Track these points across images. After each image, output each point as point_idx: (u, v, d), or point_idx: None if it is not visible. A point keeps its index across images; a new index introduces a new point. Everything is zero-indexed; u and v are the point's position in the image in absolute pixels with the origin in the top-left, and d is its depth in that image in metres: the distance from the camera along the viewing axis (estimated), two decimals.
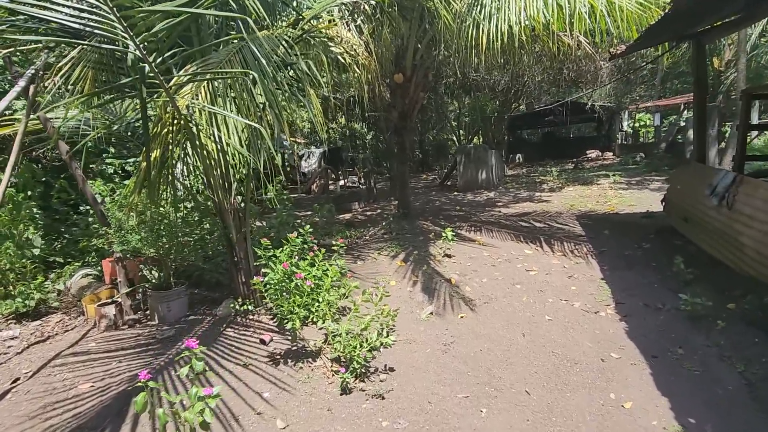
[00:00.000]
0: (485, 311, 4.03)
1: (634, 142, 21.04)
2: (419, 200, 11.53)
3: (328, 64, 4.75)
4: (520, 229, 6.99)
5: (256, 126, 3.29)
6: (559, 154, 22.55)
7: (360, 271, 5.13)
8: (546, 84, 17.68)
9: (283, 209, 6.53)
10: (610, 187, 10.66)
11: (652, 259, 5.09)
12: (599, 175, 13.17)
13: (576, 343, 3.38)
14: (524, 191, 11.54)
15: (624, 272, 4.82)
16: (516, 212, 8.55)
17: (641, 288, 4.33)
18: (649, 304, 3.93)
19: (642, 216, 7.16)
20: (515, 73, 15.14)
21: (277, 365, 3.20)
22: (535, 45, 7.38)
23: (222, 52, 3.81)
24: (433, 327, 3.75)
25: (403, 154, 8.05)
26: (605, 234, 6.34)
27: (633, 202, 8.60)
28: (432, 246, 6.00)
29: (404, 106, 7.59)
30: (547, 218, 7.69)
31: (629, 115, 23.40)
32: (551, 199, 9.80)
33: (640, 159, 15.76)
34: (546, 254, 5.67)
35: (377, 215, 9.31)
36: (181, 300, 4.00)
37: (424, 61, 7.46)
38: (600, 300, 4.14)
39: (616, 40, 6.65)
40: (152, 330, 3.79)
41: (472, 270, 5.09)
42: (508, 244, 6.17)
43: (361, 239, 6.73)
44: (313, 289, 3.75)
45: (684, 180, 5.92)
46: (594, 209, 8.17)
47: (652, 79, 22.24)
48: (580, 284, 4.57)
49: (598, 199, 9.16)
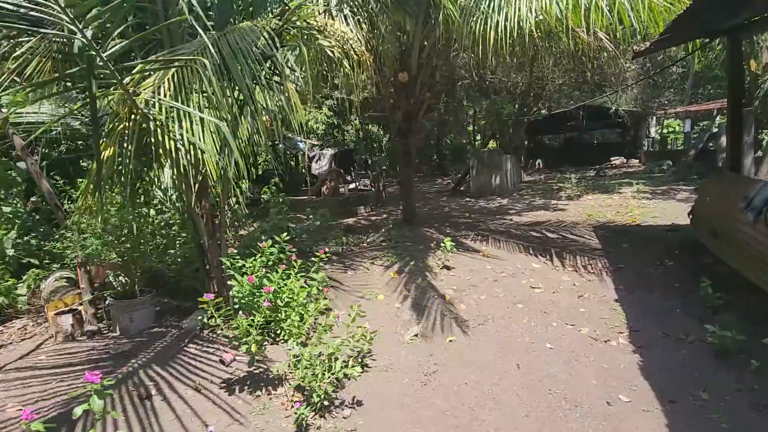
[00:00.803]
0: (478, 334, 3.58)
1: (661, 149, 20.05)
2: (428, 206, 11.09)
3: (314, 57, 4.42)
4: (530, 240, 6.48)
5: (217, 123, 2.96)
6: (580, 161, 21.71)
7: (348, 283, 4.74)
8: (567, 87, 17.00)
9: (276, 213, 6.21)
10: (632, 197, 9.98)
11: (675, 279, 4.53)
12: (622, 184, 12.45)
13: (579, 379, 2.90)
14: (540, 199, 10.95)
15: (642, 294, 4.28)
16: (528, 221, 8.02)
17: (661, 313, 3.79)
18: (670, 334, 3.40)
19: (666, 229, 6.54)
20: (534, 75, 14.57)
21: (233, 391, 2.83)
22: (550, 43, 6.87)
23: (195, 44, 3.52)
24: (416, 351, 3.32)
25: (408, 157, 7.64)
26: (624, 248, 5.78)
27: (657, 213, 7.95)
28: (431, 256, 5.57)
29: (409, 107, 7.19)
30: (561, 228, 7.15)
31: (657, 121, 22.33)
32: (568, 208, 9.22)
33: (667, 167, 14.89)
34: (555, 269, 5.17)
35: (382, 220, 8.91)
36: (145, 310, 3.70)
37: (431, 59, 7.05)
38: (612, 326, 3.63)
39: (640, 36, 6.10)
40: (110, 343, 3.49)
41: (471, 285, 4.64)
42: (515, 257, 5.68)
43: (358, 246, 6.34)
44: (284, 306, 3.40)
45: (715, 191, 5.31)
46: (613, 220, 7.57)
47: (683, 83, 21.19)
48: (590, 306, 4.06)
49: (618, 209, 8.53)
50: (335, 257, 5.74)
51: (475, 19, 5.41)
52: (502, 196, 11.73)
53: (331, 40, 4.38)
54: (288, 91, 3.60)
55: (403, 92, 7.16)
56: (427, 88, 7.21)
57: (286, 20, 3.77)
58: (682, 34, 5.52)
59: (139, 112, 2.93)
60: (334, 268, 5.25)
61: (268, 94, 3.58)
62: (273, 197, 6.39)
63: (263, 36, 3.51)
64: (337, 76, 4.80)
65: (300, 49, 3.57)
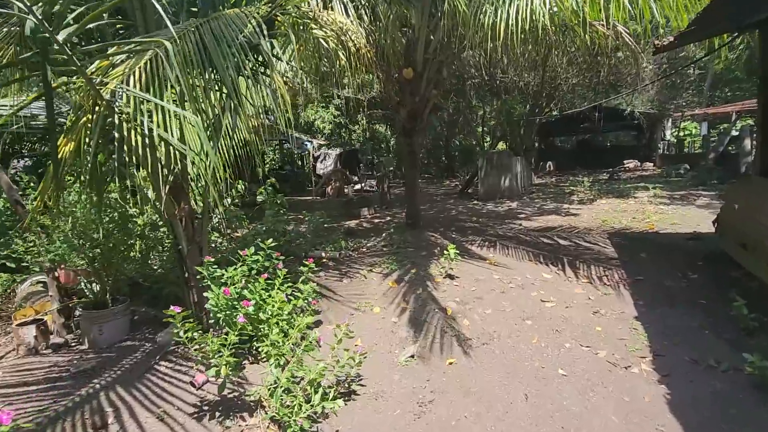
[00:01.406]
0: (482, 356, 3.21)
1: (678, 152, 19.40)
2: (434, 208, 10.71)
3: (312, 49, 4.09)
4: (540, 247, 6.09)
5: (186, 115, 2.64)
6: (593, 163, 21.16)
7: (342, 292, 4.40)
8: (581, 87, 16.49)
9: (271, 215, 5.90)
10: (649, 201, 9.50)
11: (700, 294, 4.12)
12: (637, 188, 11.94)
13: (596, 414, 2.52)
14: (551, 202, 10.51)
15: (665, 310, 3.87)
16: (538, 226, 7.61)
17: (687, 334, 3.39)
18: (699, 361, 3.00)
19: (688, 238, 6.10)
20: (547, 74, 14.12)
21: (201, 419, 2.51)
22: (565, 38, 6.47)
23: (175, 29, 3.21)
24: (411, 375, 2.96)
25: (413, 158, 7.28)
26: (642, 257, 5.36)
27: (676, 219, 7.49)
28: (434, 264, 5.21)
29: (414, 105, 6.83)
30: (574, 235, 6.73)
31: (673, 124, 21.65)
32: (580, 213, 8.78)
33: (685, 171, 14.32)
34: (568, 280, 4.77)
35: (385, 223, 8.56)
36: (117, 321, 3.40)
37: (438, 54, 6.68)
38: (633, 349, 3.24)
39: (662, 30, 5.67)
40: (75, 358, 3.19)
41: (476, 297, 4.27)
42: (524, 266, 5.29)
43: (357, 251, 6.00)
44: (266, 320, 3.07)
45: (744, 197, 4.86)
46: (629, 226, 7.13)
47: (700, 84, 20.52)
48: (607, 324, 3.67)
49: (634, 215, 8.07)
50: (332, 263, 5.41)
51: (484, 11, 5.05)
52: (511, 200, 11.31)
53: (327, 30, 4.05)
54: (277, 84, 3.27)
55: (408, 89, 6.80)
56: (433, 85, 6.84)
57: (277, 5, 3.45)
58: (710, 28, 5.09)
59: (103, 103, 2.63)
60: (330, 275, 4.92)
61: (253, 87, 3.27)
62: (269, 198, 6.07)
63: (251, 23, 3.20)
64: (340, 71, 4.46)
65: (289, 37, 3.22)
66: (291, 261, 5.55)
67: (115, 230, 3.34)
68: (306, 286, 3.35)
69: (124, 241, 3.47)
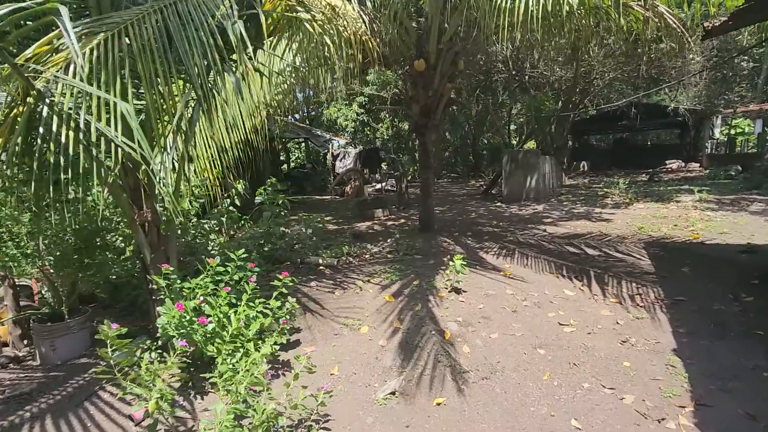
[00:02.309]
0: (479, 395, 2.67)
1: (728, 152, 17.85)
2: (453, 210, 10.12)
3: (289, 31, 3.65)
4: (564, 257, 5.43)
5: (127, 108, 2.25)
6: (631, 164, 19.91)
7: (331, 306, 3.94)
8: (619, 82, 15.37)
9: (269, 217, 5.52)
10: (693, 207, 8.55)
11: (757, 322, 3.41)
12: (680, 190, 10.91)
13: None
14: (581, 206, 9.70)
15: (712, 343, 3.20)
16: (565, 233, 6.91)
17: (742, 377, 2.73)
18: (757, 416, 2.36)
19: (741, 250, 5.29)
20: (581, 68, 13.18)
21: None
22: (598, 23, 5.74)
23: (134, 11, 2.85)
24: (388, 418, 2.46)
25: (426, 157, 6.74)
26: (684, 273, 4.64)
27: (726, 227, 6.60)
28: (441, 275, 4.68)
29: (427, 100, 6.30)
30: (605, 243, 6.02)
31: (723, 121, 19.98)
32: (614, 218, 7.98)
33: (736, 172, 13.03)
34: (594, 298, 4.14)
35: (398, 226, 8.06)
36: (73, 336, 3.08)
37: (453, 44, 6.12)
38: (669, 394, 2.61)
39: (713, 8, 4.89)
40: (19, 378, 2.89)
41: (483, 317, 3.72)
42: (544, 279, 4.68)
43: (359, 258, 5.53)
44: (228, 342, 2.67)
45: None
46: (670, 235, 6.33)
47: (755, 78, 18.79)
48: (638, 358, 3.04)
49: (676, 222, 7.22)
50: (328, 271, 4.97)
51: None
52: (537, 202, 10.55)
53: (316, 13, 3.61)
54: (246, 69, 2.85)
55: (421, 83, 6.28)
56: (447, 79, 6.28)
57: None
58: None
59: (33, 93, 2.29)
60: (322, 284, 4.48)
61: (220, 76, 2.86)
62: (268, 199, 5.70)
63: (223, 5, 2.81)
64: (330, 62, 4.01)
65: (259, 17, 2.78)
66: (286, 267, 5.16)
67: (69, 236, 3.03)
68: (277, 303, 2.92)
69: (84, 247, 3.15)
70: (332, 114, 18.83)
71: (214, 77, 2.92)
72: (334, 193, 14.41)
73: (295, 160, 27.29)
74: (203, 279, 2.89)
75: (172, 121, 2.84)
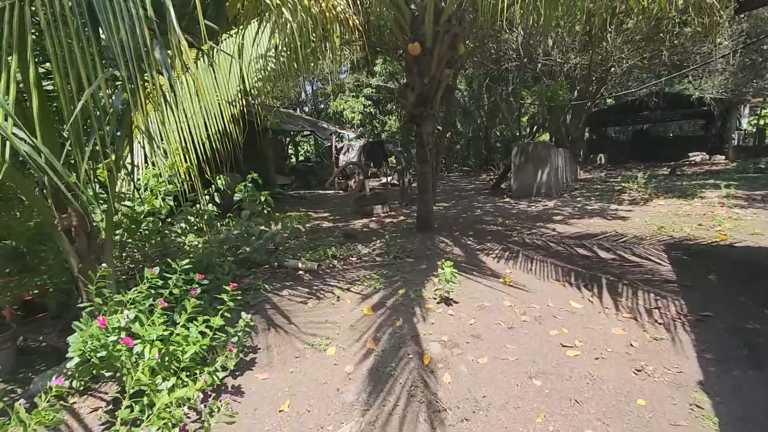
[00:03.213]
0: None
1: (757, 143, 16.81)
2: (459, 206, 9.57)
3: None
4: (574, 261, 4.88)
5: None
6: (652, 156, 18.98)
7: (300, 320, 3.48)
8: (638, 70, 14.51)
9: (248, 217, 5.10)
10: (720, 204, 7.84)
11: None
12: (705, 185, 10.14)
13: None
14: (595, 202, 9.05)
15: (745, 373, 2.64)
16: (576, 232, 6.34)
17: None
18: None
19: None
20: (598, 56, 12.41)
21: None
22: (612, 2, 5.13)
23: None
24: None
25: (422, 151, 6.21)
26: (710, 281, 4.06)
27: (758, 228, 5.94)
28: (432, 282, 4.19)
29: (423, 87, 5.76)
30: (620, 245, 5.44)
31: (752, 111, 18.85)
32: (631, 216, 7.35)
33: (766, 165, 12.14)
34: (605, 312, 3.59)
35: (396, 224, 7.58)
36: None
37: (452, 25, 5.55)
38: None
39: None
40: None
41: (473, 335, 3.22)
42: (549, 287, 4.15)
43: (344, 261, 5.07)
44: (162, 369, 2.24)
45: None
46: (694, 236, 5.70)
47: None
48: (655, 394, 2.51)
49: (701, 221, 6.57)
50: (307, 276, 4.52)
51: None
52: (549, 197, 9.93)
53: None
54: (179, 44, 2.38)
55: (416, 69, 5.74)
56: (446, 64, 5.73)
57: None
58: None
59: None
60: (295, 293, 4.02)
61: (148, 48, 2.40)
62: (250, 196, 5.27)
63: None
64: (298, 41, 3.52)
65: None
66: (262, 272, 4.73)
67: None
68: (220, 321, 2.47)
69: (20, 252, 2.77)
70: (338, 106, 18.34)
71: (151, 56, 2.46)
72: (337, 188, 13.97)
73: (304, 154, 26.94)
74: (136, 293, 2.47)
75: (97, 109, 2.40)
